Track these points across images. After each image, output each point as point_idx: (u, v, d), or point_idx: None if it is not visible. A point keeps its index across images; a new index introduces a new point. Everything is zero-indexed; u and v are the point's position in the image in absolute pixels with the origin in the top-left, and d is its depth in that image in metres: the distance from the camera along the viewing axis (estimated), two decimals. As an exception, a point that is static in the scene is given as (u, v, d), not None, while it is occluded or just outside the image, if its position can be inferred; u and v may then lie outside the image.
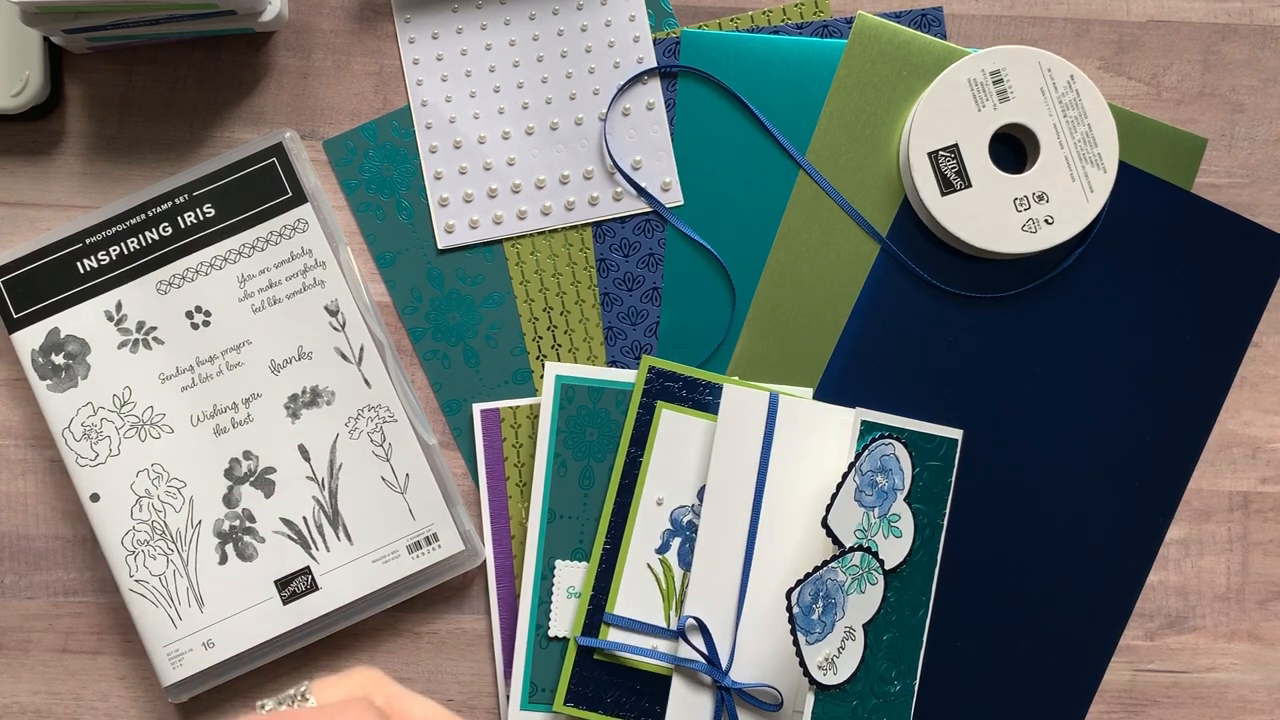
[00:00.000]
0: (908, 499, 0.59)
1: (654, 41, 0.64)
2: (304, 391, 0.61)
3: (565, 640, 0.61)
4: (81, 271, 0.61)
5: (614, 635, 0.60)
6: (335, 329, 0.61)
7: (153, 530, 0.60)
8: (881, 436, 0.58)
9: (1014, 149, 0.63)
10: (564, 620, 0.61)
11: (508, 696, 0.61)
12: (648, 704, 0.60)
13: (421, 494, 0.61)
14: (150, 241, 0.61)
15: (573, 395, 0.62)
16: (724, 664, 0.59)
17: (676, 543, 0.61)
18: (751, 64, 0.63)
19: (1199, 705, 0.63)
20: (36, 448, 0.63)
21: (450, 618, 0.63)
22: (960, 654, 0.62)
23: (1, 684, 0.62)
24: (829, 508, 0.56)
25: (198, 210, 0.61)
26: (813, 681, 0.55)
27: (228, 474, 0.61)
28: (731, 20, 0.64)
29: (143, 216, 0.61)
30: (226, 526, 0.60)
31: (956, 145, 0.61)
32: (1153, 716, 0.63)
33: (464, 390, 0.63)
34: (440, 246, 0.63)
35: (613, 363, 0.63)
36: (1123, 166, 0.62)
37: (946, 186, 0.61)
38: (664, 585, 0.61)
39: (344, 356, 0.61)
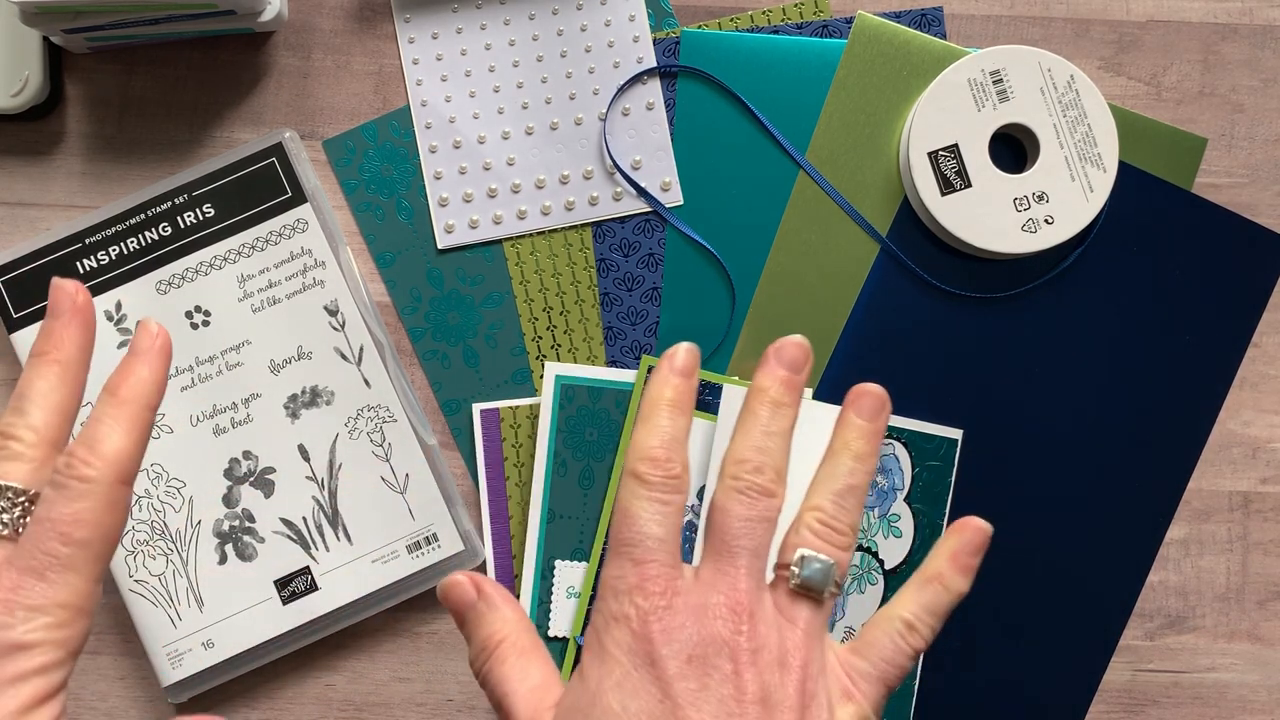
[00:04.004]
0: (908, 499, 0.59)
1: (654, 41, 0.64)
2: (304, 391, 0.61)
3: (565, 640, 0.61)
4: (81, 271, 0.61)
5: (614, 635, 0.60)
6: (335, 329, 0.61)
7: (152, 530, 0.60)
8: (881, 436, 0.58)
9: (1014, 149, 0.63)
10: (564, 620, 0.61)
11: (507, 696, 0.61)
12: (647, 704, 0.60)
13: (421, 494, 0.61)
14: (150, 241, 0.61)
15: (573, 395, 0.62)
16: (724, 664, 0.59)
17: (676, 543, 0.61)
18: (751, 64, 0.63)
19: (1199, 705, 0.63)
20: (36, 448, 0.63)
21: (450, 618, 0.63)
22: (960, 654, 0.62)
23: (1, 684, 0.62)
24: (829, 508, 0.56)
25: (197, 210, 0.61)
26: (813, 681, 0.55)
27: (227, 474, 0.61)
28: (731, 20, 0.64)
29: (142, 216, 0.61)
30: (226, 526, 0.60)
31: (956, 145, 0.61)
32: (1153, 716, 0.63)
33: (464, 390, 0.63)
34: (440, 246, 0.63)
35: (613, 363, 0.63)
36: (1123, 166, 0.62)
37: (946, 186, 0.61)
38: (664, 585, 0.61)
39: (344, 356, 0.61)
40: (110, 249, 0.61)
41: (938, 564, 0.45)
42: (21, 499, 0.38)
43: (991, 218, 0.61)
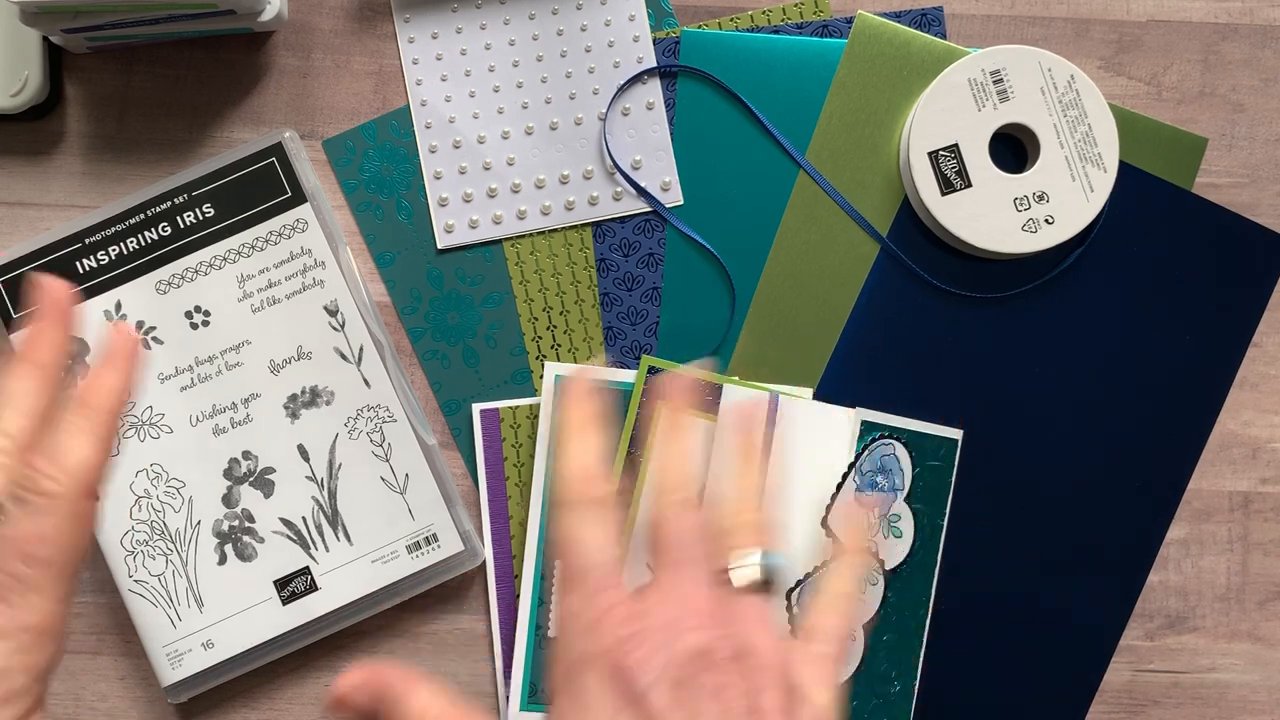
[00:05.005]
0: (908, 499, 0.59)
1: (654, 41, 0.64)
2: (303, 391, 0.61)
3: (565, 640, 0.61)
4: (81, 271, 0.61)
5: (614, 635, 0.60)
6: (335, 329, 0.61)
7: (152, 530, 0.60)
8: (881, 436, 0.58)
9: (1014, 149, 0.63)
10: (564, 620, 0.61)
11: (507, 697, 0.61)
12: (647, 704, 0.60)
13: (421, 494, 0.61)
14: (150, 241, 0.61)
15: (572, 395, 0.62)
16: (724, 664, 0.59)
17: (676, 543, 0.61)
18: (751, 64, 0.63)
19: (1199, 705, 0.63)
20: (36, 448, 0.63)
21: (450, 618, 0.63)
22: (960, 654, 0.62)
23: (1, 684, 0.62)
24: (829, 508, 0.56)
25: (197, 210, 0.61)
26: (813, 682, 0.55)
27: (227, 474, 0.61)
28: (731, 20, 0.64)
29: (142, 216, 0.61)
30: (226, 527, 0.60)
31: (956, 145, 0.61)
32: (1153, 717, 0.63)
33: (464, 390, 0.63)
34: (440, 246, 0.63)
35: (613, 363, 0.63)
36: (1123, 166, 0.62)
37: (946, 186, 0.61)
38: (664, 585, 0.61)
39: (343, 356, 0.61)
40: (110, 249, 0.61)
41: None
42: None
43: (991, 218, 0.61)
